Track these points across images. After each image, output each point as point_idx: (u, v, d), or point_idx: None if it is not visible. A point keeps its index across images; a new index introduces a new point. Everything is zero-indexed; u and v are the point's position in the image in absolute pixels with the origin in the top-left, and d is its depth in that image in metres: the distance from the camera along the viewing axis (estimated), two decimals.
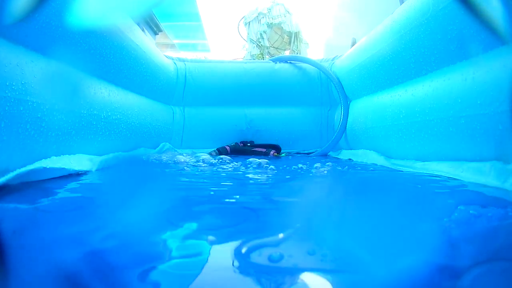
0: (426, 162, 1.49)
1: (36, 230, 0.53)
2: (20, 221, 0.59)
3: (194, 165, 1.53)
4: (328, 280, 0.40)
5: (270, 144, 2.63)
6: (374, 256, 0.46)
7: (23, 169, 0.90)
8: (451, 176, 1.21)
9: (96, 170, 1.28)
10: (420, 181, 1.22)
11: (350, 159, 2.22)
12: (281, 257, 0.45)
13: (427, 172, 1.37)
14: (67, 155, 1.19)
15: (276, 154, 2.47)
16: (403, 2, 1.74)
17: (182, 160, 1.67)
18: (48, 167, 0.99)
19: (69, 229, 0.55)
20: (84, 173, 1.17)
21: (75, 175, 1.11)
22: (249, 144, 2.67)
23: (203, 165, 1.53)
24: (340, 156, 2.45)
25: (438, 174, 1.30)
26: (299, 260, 0.44)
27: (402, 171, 1.50)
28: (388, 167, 1.64)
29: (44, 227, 0.56)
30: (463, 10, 1.20)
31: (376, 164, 1.82)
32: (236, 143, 2.67)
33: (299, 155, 2.65)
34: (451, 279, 0.38)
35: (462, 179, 1.16)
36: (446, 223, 0.61)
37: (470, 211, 0.74)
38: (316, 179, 1.28)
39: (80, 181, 1.03)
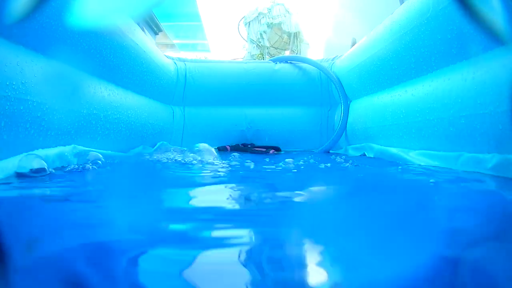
0: (423, 151, 1.50)
1: (31, 220, 0.53)
2: (15, 212, 0.59)
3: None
4: (328, 279, 0.40)
5: (270, 146, 2.67)
6: (371, 250, 0.46)
7: None
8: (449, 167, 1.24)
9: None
10: (418, 173, 1.23)
11: (364, 154, 2.19)
12: (279, 256, 0.45)
13: (427, 165, 1.39)
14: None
15: (276, 152, 2.50)
16: (403, 2, 1.74)
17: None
18: None
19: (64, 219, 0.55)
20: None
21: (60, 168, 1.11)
22: (249, 146, 2.69)
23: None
24: (349, 153, 2.43)
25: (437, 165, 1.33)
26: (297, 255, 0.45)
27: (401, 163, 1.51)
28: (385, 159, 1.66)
29: (38, 218, 0.56)
30: (461, 12, 1.20)
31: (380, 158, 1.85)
32: (237, 144, 2.69)
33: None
34: (453, 267, 0.39)
35: (460, 169, 1.18)
36: (445, 211, 0.61)
37: (470, 199, 0.74)
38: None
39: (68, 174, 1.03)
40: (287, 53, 5.58)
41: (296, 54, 5.37)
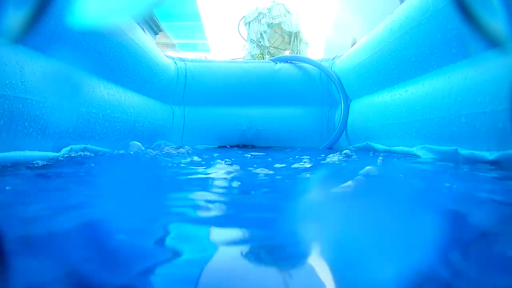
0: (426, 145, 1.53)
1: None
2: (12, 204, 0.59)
3: None
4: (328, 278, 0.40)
5: (270, 147, 2.71)
6: (370, 248, 0.46)
7: None
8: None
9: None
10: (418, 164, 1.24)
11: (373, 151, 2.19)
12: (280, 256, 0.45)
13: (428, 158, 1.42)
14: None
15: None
16: (403, 2, 1.74)
17: None
18: None
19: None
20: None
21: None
22: (250, 147, 2.72)
23: None
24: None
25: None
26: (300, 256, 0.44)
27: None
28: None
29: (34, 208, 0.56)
30: (460, 14, 1.20)
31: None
32: (237, 145, 2.72)
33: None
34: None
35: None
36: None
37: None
38: None
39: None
40: (287, 53, 5.58)
41: (296, 54, 5.37)
